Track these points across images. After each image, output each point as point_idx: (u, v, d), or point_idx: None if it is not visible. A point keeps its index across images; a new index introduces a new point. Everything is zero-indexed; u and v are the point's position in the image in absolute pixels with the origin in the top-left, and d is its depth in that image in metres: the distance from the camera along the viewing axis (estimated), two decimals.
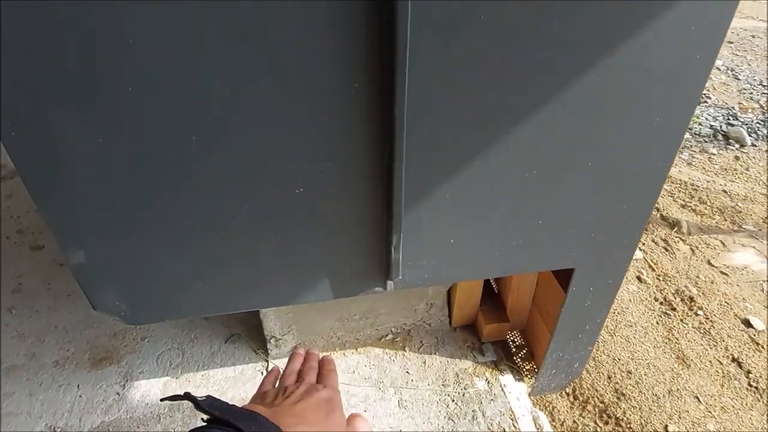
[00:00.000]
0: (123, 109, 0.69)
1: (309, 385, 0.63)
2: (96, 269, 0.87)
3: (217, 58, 0.66)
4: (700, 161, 2.80)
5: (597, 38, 0.73)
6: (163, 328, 1.59)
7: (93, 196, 0.77)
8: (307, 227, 0.87)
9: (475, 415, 1.32)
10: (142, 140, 0.72)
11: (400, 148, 0.76)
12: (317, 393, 0.60)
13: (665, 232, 2.30)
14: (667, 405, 1.53)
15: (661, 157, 0.89)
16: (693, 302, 1.92)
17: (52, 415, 1.36)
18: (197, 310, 0.99)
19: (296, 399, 0.59)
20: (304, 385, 0.63)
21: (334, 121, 0.75)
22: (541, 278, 1.37)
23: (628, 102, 0.80)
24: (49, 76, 0.64)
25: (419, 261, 0.96)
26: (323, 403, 0.59)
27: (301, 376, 0.68)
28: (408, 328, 1.54)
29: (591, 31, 0.72)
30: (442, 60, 0.71)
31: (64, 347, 1.54)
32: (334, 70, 0.70)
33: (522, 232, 0.95)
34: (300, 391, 0.60)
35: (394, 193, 0.81)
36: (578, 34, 0.72)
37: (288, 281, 0.95)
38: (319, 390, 0.61)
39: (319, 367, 0.71)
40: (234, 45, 0.66)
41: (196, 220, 0.83)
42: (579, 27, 0.71)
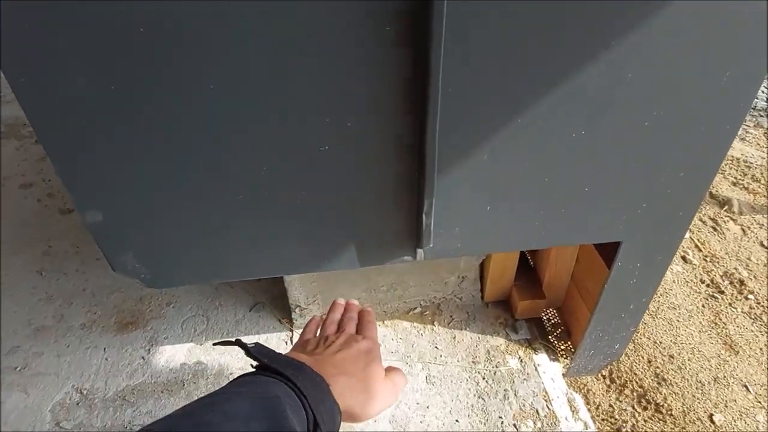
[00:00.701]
0: (139, 57, 0.63)
1: (349, 336, 0.64)
2: (113, 229, 0.83)
3: None
4: (754, 136, 2.63)
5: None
6: (188, 294, 1.57)
7: (108, 152, 0.73)
8: (333, 189, 0.81)
9: (507, 394, 1.26)
10: (160, 91, 0.67)
11: (434, 102, 0.69)
12: (357, 344, 0.62)
13: (714, 210, 2.17)
14: (712, 393, 1.43)
15: (729, 118, 0.79)
16: (743, 285, 1.80)
17: (79, 377, 1.36)
18: (219, 275, 0.95)
19: (336, 349, 0.60)
20: (344, 335, 0.64)
21: (362, 70, 0.67)
22: (582, 252, 1.28)
23: (698, 50, 0.70)
24: (61, 24, 0.59)
25: (452, 229, 0.89)
26: (362, 354, 0.60)
27: (341, 326, 0.69)
28: (437, 301, 1.48)
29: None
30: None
31: (91, 310, 1.54)
32: (363, 13, 0.62)
33: (566, 199, 0.87)
34: (340, 341, 0.62)
35: (427, 153, 0.74)
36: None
37: (313, 247, 0.90)
38: (359, 341, 0.62)
39: (358, 318, 0.72)
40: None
41: (215, 180, 0.78)
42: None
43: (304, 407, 0.47)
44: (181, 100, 0.68)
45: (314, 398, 0.48)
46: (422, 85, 0.68)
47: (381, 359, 0.63)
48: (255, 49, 0.64)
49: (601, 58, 0.69)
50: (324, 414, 0.48)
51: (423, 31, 0.63)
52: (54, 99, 0.66)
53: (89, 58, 0.63)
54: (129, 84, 0.66)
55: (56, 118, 0.68)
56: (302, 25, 0.63)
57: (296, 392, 0.47)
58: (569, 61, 0.70)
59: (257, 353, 0.51)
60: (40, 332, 1.48)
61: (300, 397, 0.47)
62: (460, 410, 1.24)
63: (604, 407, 1.41)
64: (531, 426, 1.21)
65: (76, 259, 1.72)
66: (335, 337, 0.64)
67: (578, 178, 0.84)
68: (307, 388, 0.48)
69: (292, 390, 0.47)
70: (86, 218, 0.81)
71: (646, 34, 0.68)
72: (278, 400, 0.45)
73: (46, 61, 0.62)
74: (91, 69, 0.64)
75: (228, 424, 0.40)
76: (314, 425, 0.47)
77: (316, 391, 0.49)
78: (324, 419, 0.48)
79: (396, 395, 0.61)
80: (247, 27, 0.62)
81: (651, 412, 1.39)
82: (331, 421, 0.49)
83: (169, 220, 0.83)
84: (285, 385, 0.47)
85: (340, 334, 0.65)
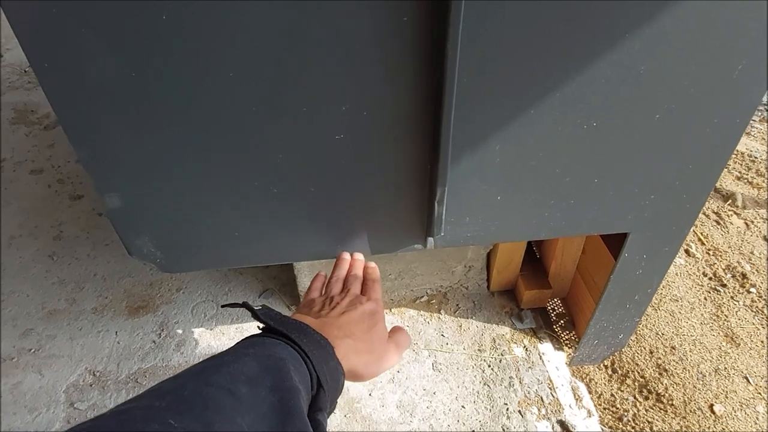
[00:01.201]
0: (161, 43, 0.65)
1: (354, 297, 0.65)
2: (132, 215, 0.85)
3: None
4: (759, 131, 2.63)
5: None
6: (198, 280, 1.59)
7: (130, 139, 0.74)
8: (346, 177, 0.83)
9: (512, 381, 1.28)
10: (180, 79, 0.68)
11: (450, 92, 0.70)
12: (361, 306, 0.63)
13: (718, 204, 2.18)
14: (713, 384, 1.45)
15: (739, 112, 0.80)
16: (745, 279, 1.82)
17: (92, 359, 1.38)
18: (232, 261, 0.97)
19: (341, 311, 0.61)
20: (348, 296, 0.65)
21: (379, 60, 0.69)
22: (588, 243, 1.30)
23: (710, 44, 0.72)
24: (84, 9, 0.61)
25: (463, 218, 0.90)
26: (366, 316, 0.61)
27: (346, 285, 0.70)
28: (444, 290, 1.50)
29: None
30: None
31: (102, 294, 1.56)
32: (381, 3, 0.63)
33: (576, 190, 0.88)
34: (345, 303, 0.63)
35: (441, 142, 0.76)
36: None
37: (324, 234, 0.91)
38: (363, 302, 0.64)
39: (363, 276, 0.73)
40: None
41: (232, 166, 0.79)
42: None
43: (308, 367, 0.48)
44: (201, 88, 0.69)
45: (318, 359, 0.49)
46: (438, 76, 0.69)
47: (384, 320, 0.65)
48: (273, 38, 0.66)
49: (615, 50, 0.71)
50: (327, 374, 0.50)
51: (440, 21, 0.64)
52: (76, 84, 0.68)
53: (111, 43, 0.64)
54: (150, 70, 0.67)
55: (78, 103, 0.70)
56: (320, 14, 0.64)
57: (300, 354, 0.49)
58: (583, 53, 0.71)
59: (264, 316, 0.52)
60: (53, 315, 1.50)
61: (304, 358, 0.48)
62: (466, 396, 1.26)
63: (606, 396, 1.44)
64: (536, 413, 1.23)
65: (87, 244, 1.74)
66: (340, 297, 0.65)
67: (588, 170, 0.86)
68: (311, 350, 0.49)
69: (296, 351, 0.49)
70: (106, 202, 0.83)
71: (659, 28, 0.69)
72: (283, 361, 0.46)
73: (68, 46, 0.64)
74: (112, 54, 0.65)
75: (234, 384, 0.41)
76: (317, 385, 0.48)
77: (320, 352, 0.50)
78: (327, 379, 0.49)
79: (399, 355, 0.62)
80: (265, 15, 0.64)
81: (652, 401, 1.41)
82: (334, 381, 0.51)
83: (185, 206, 0.84)
84: (290, 347, 0.48)
85: (345, 294, 0.66)
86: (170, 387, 0.40)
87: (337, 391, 0.52)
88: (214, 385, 0.40)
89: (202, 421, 0.36)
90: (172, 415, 0.36)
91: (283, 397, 0.42)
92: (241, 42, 0.65)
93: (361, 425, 1.21)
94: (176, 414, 0.36)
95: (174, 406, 0.37)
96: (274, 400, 0.41)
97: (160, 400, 0.37)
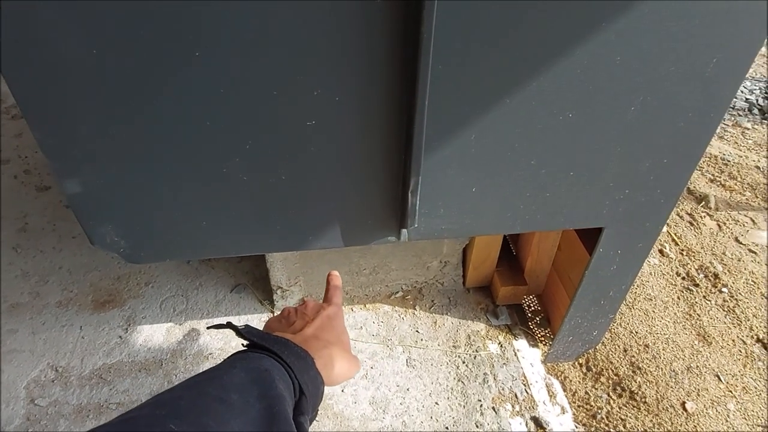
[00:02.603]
0: (120, 18, 0.62)
1: (315, 304, 0.70)
2: (93, 201, 0.81)
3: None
4: (732, 135, 2.68)
5: None
6: (168, 274, 1.55)
7: (89, 119, 0.71)
8: (318, 165, 0.80)
9: (486, 378, 1.27)
10: (143, 61, 0.65)
11: (423, 80, 0.68)
12: (324, 311, 0.68)
13: (691, 206, 2.21)
14: (685, 381, 1.46)
15: (714, 107, 0.80)
16: (717, 279, 1.84)
17: (55, 354, 1.33)
18: (201, 251, 0.94)
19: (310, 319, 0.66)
20: (311, 305, 0.70)
21: (353, 43, 0.67)
22: (564, 240, 1.29)
23: (686, 37, 0.71)
24: None
25: (437, 210, 0.89)
26: (330, 320, 0.67)
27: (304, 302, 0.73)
28: (419, 286, 1.48)
29: None
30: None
31: (67, 288, 1.51)
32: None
33: (551, 183, 0.87)
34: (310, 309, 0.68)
35: (415, 131, 0.74)
36: None
37: (296, 224, 0.89)
38: (326, 308, 0.69)
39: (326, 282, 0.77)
40: None
41: (197, 152, 0.76)
42: None
43: (290, 377, 0.53)
44: (166, 68, 0.66)
45: (299, 369, 0.54)
46: (412, 62, 0.67)
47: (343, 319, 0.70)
48: (242, 19, 0.63)
49: (592, 40, 0.70)
50: (308, 382, 0.54)
51: (415, 7, 0.62)
52: (36, 66, 0.64)
53: (71, 22, 0.61)
54: (111, 51, 0.64)
55: (38, 85, 0.66)
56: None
57: (283, 365, 0.53)
58: (560, 41, 0.70)
59: (248, 334, 0.57)
60: (15, 309, 1.44)
61: (287, 369, 0.53)
62: (440, 393, 1.24)
63: (580, 394, 1.43)
64: (510, 409, 1.22)
65: (53, 236, 1.68)
66: (303, 308, 0.69)
67: (564, 162, 0.85)
68: (293, 361, 0.54)
69: (279, 363, 0.53)
70: (65, 188, 0.80)
71: (636, 19, 0.68)
72: (268, 372, 0.50)
73: (28, 25, 0.60)
74: (73, 34, 0.62)
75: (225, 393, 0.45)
76: (300, 392, 0.53)
77: (300, 363, 0.55)
78: (308, 386, 0.54)
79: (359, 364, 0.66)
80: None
81: (625, 399, 1.42)
82: (314, 387, 0.55)
83: (150, 193, 0.81)
84: (273, 360, 0.53)
85: (306, 306, 0.70)
86: (168, 398, 0.44)
87: (318, 397, 0.57)
88: (208, 394, 0.45)
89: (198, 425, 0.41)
90: (172, 420, 0.40)
91: (270, 403, 0.46)
92: (207, 22, 0.63)
93: (333, 422, 1.18)
94: (175, 419, 0.41)
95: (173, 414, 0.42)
96: (262, 406, 0.46)
97: (160, 409, 0.42)
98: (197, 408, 0.43)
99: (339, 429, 1.17)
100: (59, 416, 1.20)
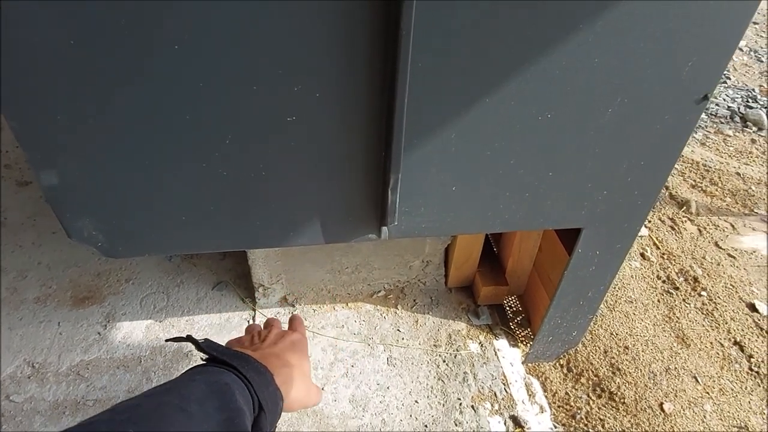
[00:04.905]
0: (100, 10, 0.61)
1: (280, 329, 0.73)
2: (70, 193, 0.81)
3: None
4: (714, 142, 2.72)
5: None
6: (149, 271, 1.54)
7: (66, 109, 0.70)
8: (298, 161, 0.81)
9: (466, 377, 1.27)
10: (119, 48, 0.65)
11: (403, 76, 0.69)
12: (289, 336, 0.70)
13: (673, 211, 2.24)
14: (663, 383, 1.48)
15: (689, 109, 0.82)
16: (697, 283, 1.87)
17: (31, 350, 1.32)
18: (180, 246, 0.94)
19: (272, 341, 0.67)
20: (275, 330, 0.72)
21: (332, 37, 0.67)
22: (545, 241, 1.30)
23: (660, 42, 0.72)
24: None
25: (417, 208, 0.89)
26: (295, 345, 0.68)
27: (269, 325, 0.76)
28: (401, 285, 1.49)
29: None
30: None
31: (46, 284, 1.49)
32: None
33: (531, 183, 0.88)
34: (273, 335, 0.70)
35: (395, 127, 0.74)
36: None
37: (276, 220, 0.89)
38: (291, 334, 0.71)
39: (289, 322, 0.80)
40: None
41: (177, 145, 0.76)
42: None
43: (250, 392, 0.53)
44: (145, 59, 0.66)
45: (259, 385, 0.55)
46: (392, 59, 0.67)
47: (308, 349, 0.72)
48: (223, 15, 0.63)
49: (570, 41, 0.70)
50: (267, 398, 0.55)
51: (395, 6, 0.62)
52: (12, 55, 0.63)
53: (48, 13, 0.60)
54: (89, 38, 0.63)
55: (13, 74, 0.65)
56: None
57: (243, 380, 0.54)
58: (538, 42, 0.70)
59: (208, 348, 0.57)
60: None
61: (246, 384, 0.54)
62: (420, 391, 1.25)
63: (560, 395, 1.44)
64: (489, 408, 1.23)
65: (32, 231, 1.66)
66: (267, 332, 0.71)
67: (543, 162, 0.86)
68: (253, 377, 0.55)
69: (239, 378, 0.54)
70: (41, 180, 0.79)
71: (614, 20, 0.69)
72: (227, 386, 0.51)
73: (2, 16, 0.60)
74: (51, 24, 0.61)
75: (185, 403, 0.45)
76: (259, 407, 0.54)
77: (260, 379, 0.56)
78: (267, 402, 0.55)
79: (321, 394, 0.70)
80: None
81: (605, 399, 1.43)
82: (273, 404, 0.56)
83: (130, 186, 0.81)
84: (233, 374, 0.54)
85: (270, 329, 0.72)
86: (127, 405, 0.45)
87: (276, 414, 0.57)
88: (167, 404, 0.45)
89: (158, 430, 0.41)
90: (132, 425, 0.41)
91: (230, 416, 0.47)
92: (187, 15, 0.63)
93: (312, 420, 1.18)
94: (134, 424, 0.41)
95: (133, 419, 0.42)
96: (222, 418, 0.46)
97: (119, 415, 0.42)
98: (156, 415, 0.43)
99: (318, 427, 1.17)
100: (35, 413, 1.18)
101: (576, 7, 0.68)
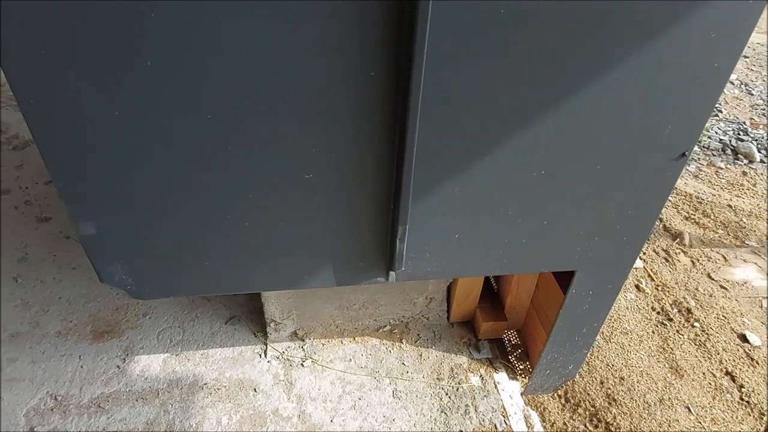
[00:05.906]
0: (140, 84, 0.70)
1: None
2: (106, 242, 0.89)
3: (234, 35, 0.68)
4: (706, 174, 2.80)
5: (613, 42, 0.74)
6: (165, 305, 1.61)
7: (106, 168, 0.79)
8: (314, 214, 0.89)
9: (468, 410, 1.33)
10: (157, 118, 0.74)
11: (411, 138, 0.77)
12: None
13: (667, 242, 2.30)
14: (657, 413, 1.54)
15: (670, 166, 0.90)
16: (690, 314, 1.92)
17: (54, 383, 1.38)
18: (202, 289, 1.01)
19: None
20: None
21: (347, 107, 0.76)
22: (541, 280, 1.38)
23: (642, 108, 0.81)
24: (70, 45, 0.66)
25: (423, 254, 0.97)
26: None
27: None
28: (406, 320, 1.55)
29: (607, 34, 0.73)
30: (458, 52, 0.72)
31: (66, 318, 1.56)
32: (351, 52, 0.71)
33: (527, 231, 0.96)
34: None
35: (403, 184, 0.83)
36: (593, 37, 0.73)
37: (292, 266, 0.97)
38: None
39: None
40: None
41: (205, 202, 0.84)
42: (594, 28, 0.72)
43: None
44: (179, 130, 0.75)
45: None
46: (401, 124, 0.76)
47: None
48: (252, 86, 0.72)
49: (561, 106, 0.79)
50: None
51: (405, 71, 0.71)
52: (62, 126, 0.72)
53: (96, 88, 0.69)
54: (129, 113, 0.72)
55: (62, 142, 0.74)
56: (292, 59, 0.71)
57: None
58: (532, 107, 0.79)
59: None
60: (15, 338, 1.49)
61: None
62: (424, 424, 1.31)
63: (558, 425, 1.50)
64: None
65: (53, 267, 1.74)
66: None
67: (538, 213, 0.94)
68: None
69: None
70: (80, 230, 0.87)
71: (602, 88, 0.78)
72: None
73: (58, 91, 0.69)
74: (97, 99, 0.70)
75: None
76: None
77: None
78: None
79: None
80: (242, 56, 0.70)
81: (601, 430, 1.48)
82: None
83: (160, 236, 0.89)
84: None
85: None
86: None
87: None
88: None
89: None
90: None
91: None
92: (220, 95, 0.71)
93: None
94: None
95: None
96: None
97: None
98: None
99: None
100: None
101: (568, 75, 0.76)
